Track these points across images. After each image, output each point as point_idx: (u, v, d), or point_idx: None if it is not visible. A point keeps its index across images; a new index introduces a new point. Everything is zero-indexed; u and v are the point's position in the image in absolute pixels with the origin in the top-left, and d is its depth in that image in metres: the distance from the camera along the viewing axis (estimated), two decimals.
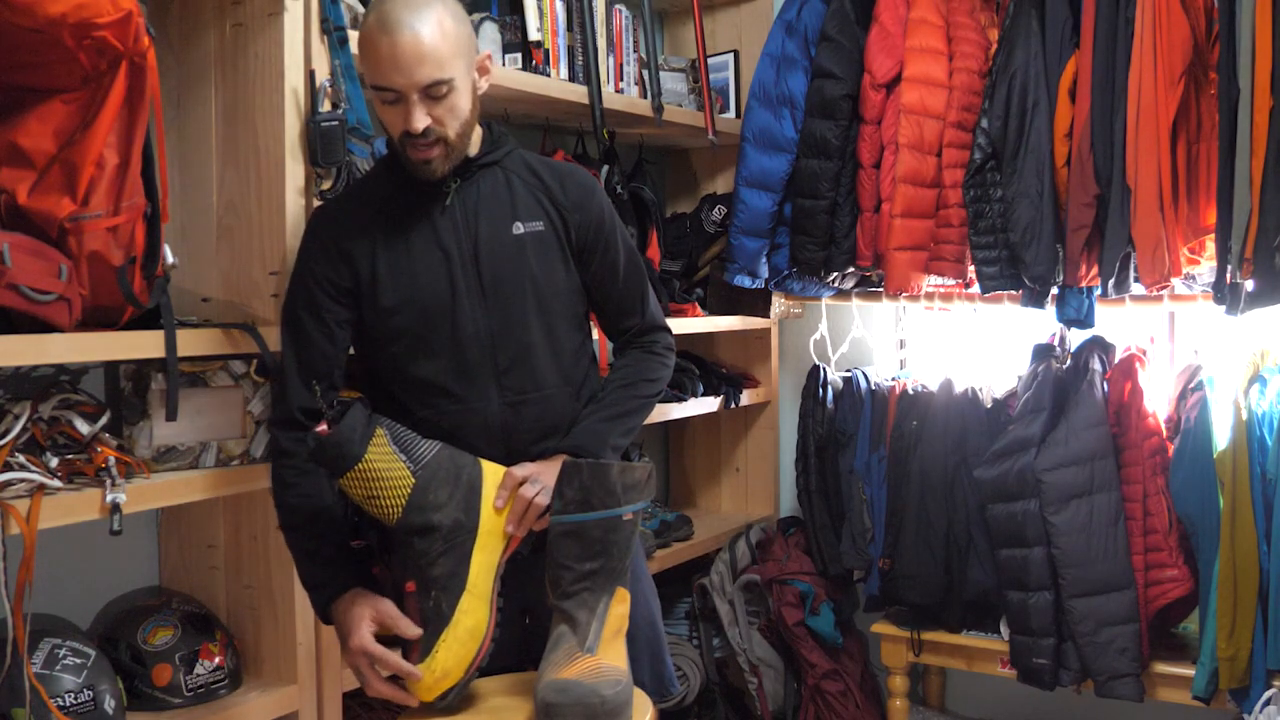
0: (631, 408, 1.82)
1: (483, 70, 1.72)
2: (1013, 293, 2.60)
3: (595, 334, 1.94)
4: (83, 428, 1.65)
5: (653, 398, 1.87)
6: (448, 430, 1.71)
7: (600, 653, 1.59)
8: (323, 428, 1.59)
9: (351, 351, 1.78)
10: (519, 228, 1.74)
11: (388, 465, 1.59)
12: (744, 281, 2.94)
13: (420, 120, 1.60)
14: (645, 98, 2.87)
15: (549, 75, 2.54)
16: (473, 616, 1.60)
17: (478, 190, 1.74)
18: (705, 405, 2.96)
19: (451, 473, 1.63)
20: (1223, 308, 2.23)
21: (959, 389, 2.78)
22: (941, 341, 3.06)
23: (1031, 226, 2.46)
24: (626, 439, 1.81)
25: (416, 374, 1.72)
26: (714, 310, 3.07)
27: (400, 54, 1.57)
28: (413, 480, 1.60)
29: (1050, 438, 2.51)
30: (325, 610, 1.69)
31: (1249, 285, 2.19)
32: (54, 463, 1.59)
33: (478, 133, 1.76)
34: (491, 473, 1.67)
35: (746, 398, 3.12)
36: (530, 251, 1.74)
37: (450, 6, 1.64)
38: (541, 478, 1.67)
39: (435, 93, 1.61)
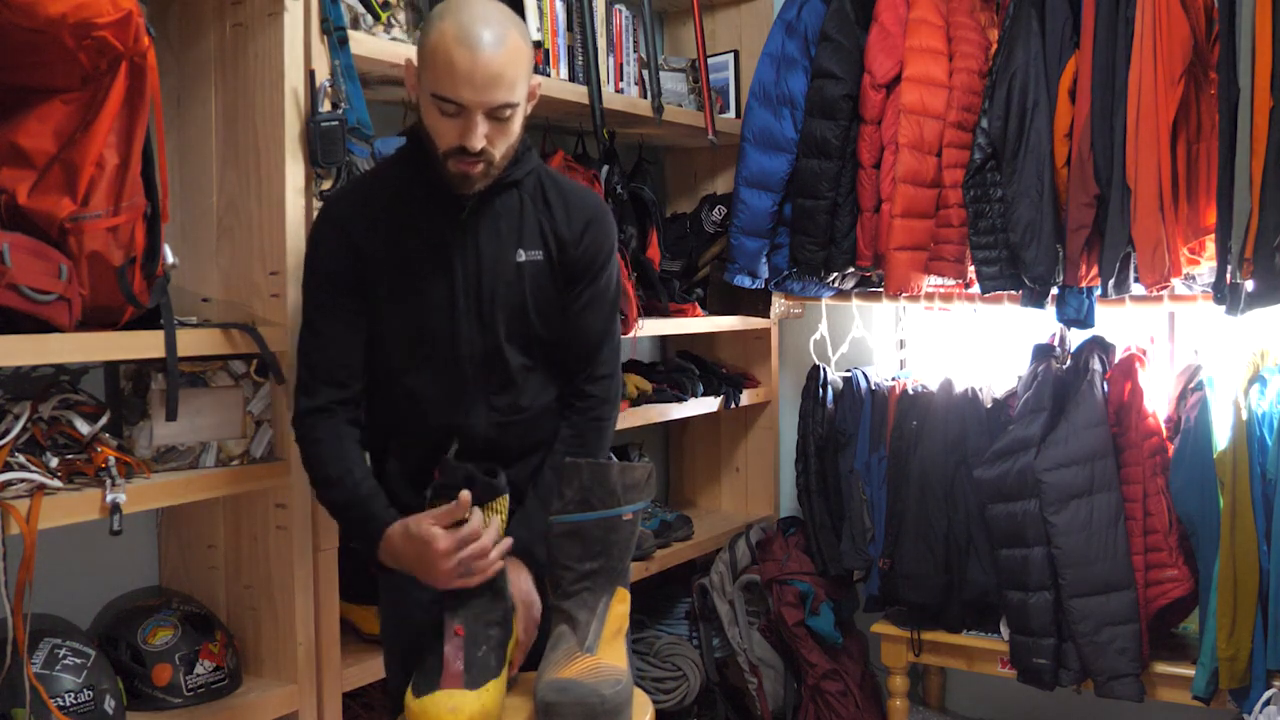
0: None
1: (532, 96, 1.70)
2: (1013, 293, 2.60)
3: None
4: (83, 428, 1.65)
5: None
6: (435, 445, 1.70)
7: (600, 652, 1.59)
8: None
9: None
10: (521, 255, 1.73)
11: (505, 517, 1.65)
12: (744, 281, 2.94)
13: (479, 140, 1.58)
14: (645, 98, 2.87)
15: (549, 75, 2.54)
16: (499, 693, 1.59)
17: (492, 210, 1.72)
18: (705, 405, 2.96)
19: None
20: (1223, 308, 2.23)
21: (959, 389, 2.78)
22: (941, 341, 3.06)
23: (1031, 226, 2.46)
24: None
25: (408, 383, 1.73)
26: (714, 310, 3.07)
27: (479, 72, 1.54)
28: None
29: (1050, 438, 2.51)
30: (372, 554, 1.66)
31: (1249, 285, 2.19)
32: (54, 463, 1.59)
33: None
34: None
35: (746, 398, 3.12)
36: (528, 280, 1.73)
37: (520, 27, 1.63)
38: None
39: (500, 115, 1.59)
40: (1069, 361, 2.63)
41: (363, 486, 1.67)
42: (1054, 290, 2.54)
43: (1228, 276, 2.18)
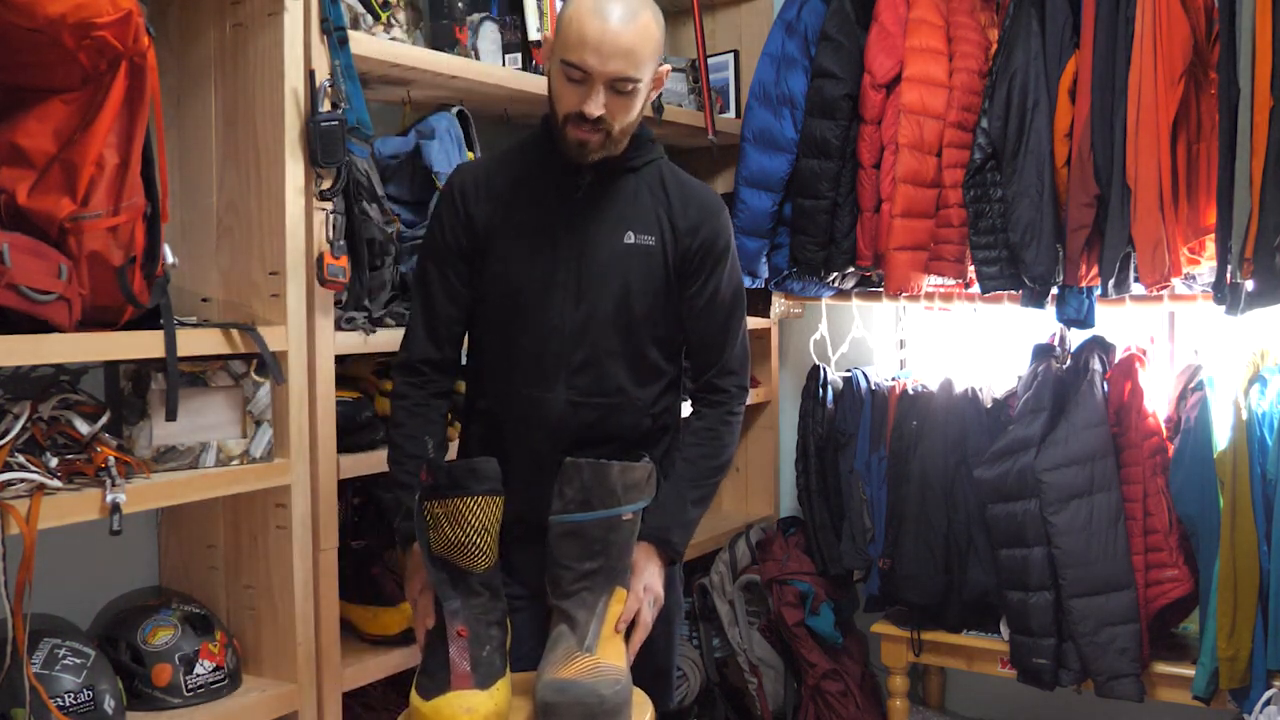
0: (701, 495, 1.85)
1: (658, 82, 1.77)
2: (1013, 293, 2.60)
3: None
4: (83, 428, 1.64)
5: (719, 478, 1.89)
6: (512, 413, 1.77)
7: (599, 652, 1.59)
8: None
9: None
10: (630, 237, 1.77)
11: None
12: (744, 282, 2.94)
13: (598, 107, 1.65)
14: None
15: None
16: (508, 692, 1.59)
17: (605, 191, 1.77)
18: None
19: None
20: (1223, 308, 2.23)
21: (959, 389, 2.78)
22: (941, 341, 3.05)
23: (1031, 226, 2.46)
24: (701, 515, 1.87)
25: (500, 349, 1.79)
26: None
27: (607, 41, 1.62)
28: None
29: (1050, 438, 2.51)
30: (408, 542, 1.77)
31: (1249, 285, 2.19)
32: (54, 463, 1.58)
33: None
34: None
35: (747, 398, 3.11)
36: (635, 262, 1.76)
37: (656, 12, 1.70)
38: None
39: (621, 88, 1.66)
40: (1069, 361, 2.63)
41: (416, 477, 1.74)
42: (1054, 290, 2.54)
43: (1228, 276, 2.18)
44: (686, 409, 1.95)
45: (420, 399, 1.83)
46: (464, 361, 1.92)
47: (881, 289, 2.81)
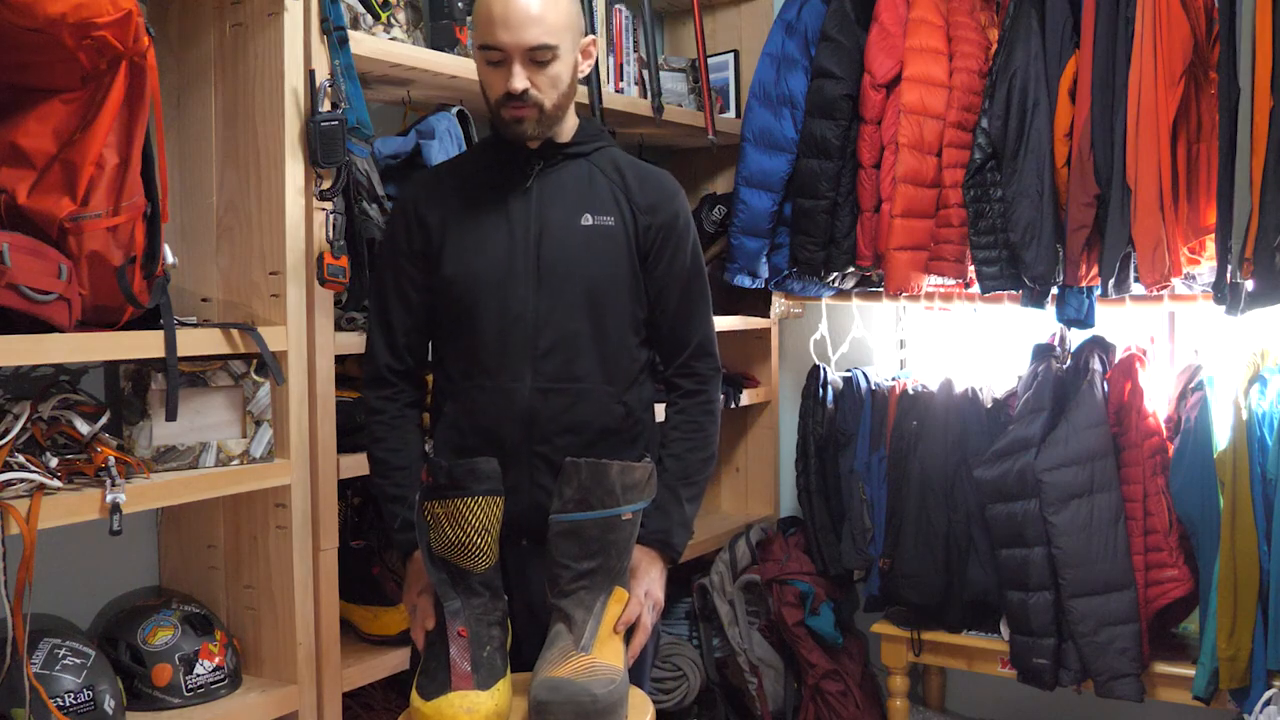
0: (695, 493, 1.86)
1: (586, 54, 1.77)
2: (1013, 293, 2.60)
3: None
4: (82, 428, 1.65)
5: (709, 471, 1.89)
6: (479, 407, 1.74)
7: (595, 651, 1.59)
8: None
9: None
10: (588, 219, 1.76)
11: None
12: (744, 281, 2.94)
13: (520, 81, 1.65)
14: (645, 98, 2.87)
15: None
16: (509, 693, 1.60)
17: (558, 177, 1.77)
18: None
19: None
20: (1223, 308, 2.23)
21: (959, 389, 2.78)
22: (941, 341, 3.06)
23: (1031, 226, 2.46)
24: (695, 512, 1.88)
25: (463, 344, 1.77)
26: (714, 310, 3.05)
27: (512, 14, 1.63)
28: None
29: (1050, 438, 2.51)
30: (408, 552, 1.78)
31: (1249, 285, 2.19)
32: (54, 463, 1.59)
33: (572, 122, 1.79)
34: None
35: (746, 398, 3.12)
36: (595, 243, 1.75)
37: None
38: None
39: (539, 57, 1.66)
40: (1069, 361, 2.63)
41: (407, 488, 1.76)
42: (1054, 290, 2.54)
43: (1228, 276, 2.18)
44: (662, 413, 1.92)
45: (395, 411, 1.82)
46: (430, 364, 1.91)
47: (881, 289, 2.81)
